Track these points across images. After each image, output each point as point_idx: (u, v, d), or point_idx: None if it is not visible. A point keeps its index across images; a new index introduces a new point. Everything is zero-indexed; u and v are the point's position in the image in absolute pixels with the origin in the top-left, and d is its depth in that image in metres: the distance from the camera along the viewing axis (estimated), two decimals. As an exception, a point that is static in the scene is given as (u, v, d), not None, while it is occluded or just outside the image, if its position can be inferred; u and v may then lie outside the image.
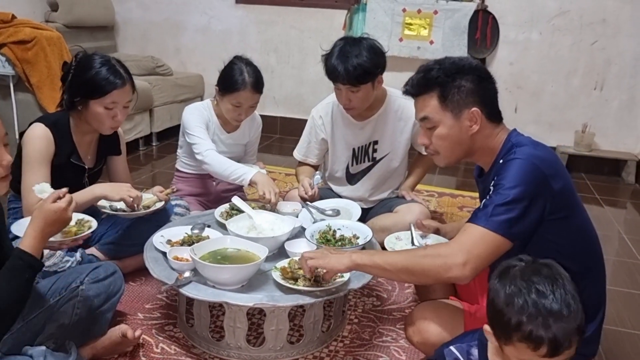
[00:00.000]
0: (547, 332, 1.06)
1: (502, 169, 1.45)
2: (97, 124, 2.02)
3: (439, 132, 1.55)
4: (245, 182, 2.30)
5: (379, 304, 2.15)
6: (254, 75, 2.39)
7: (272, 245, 1.83)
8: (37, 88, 3.37)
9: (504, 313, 1.11)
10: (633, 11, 4.05)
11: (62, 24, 4.26)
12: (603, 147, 4.29)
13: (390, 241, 1.89)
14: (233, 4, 4.81)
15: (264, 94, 2.49)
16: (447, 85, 1.51)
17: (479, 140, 1.54)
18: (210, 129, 2.52)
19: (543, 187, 1.41)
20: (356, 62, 2.22)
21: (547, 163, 1.44)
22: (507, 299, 1.11)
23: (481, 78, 1.53)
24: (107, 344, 1.69)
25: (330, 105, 2.53)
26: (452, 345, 1.35)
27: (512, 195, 1.39)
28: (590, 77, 4.24)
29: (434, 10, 4.28)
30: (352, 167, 2.60)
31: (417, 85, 1.57)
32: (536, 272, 1.13)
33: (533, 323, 1.07)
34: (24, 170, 1.93)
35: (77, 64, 1.98)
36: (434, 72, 1.53)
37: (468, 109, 1.51)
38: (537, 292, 1.09)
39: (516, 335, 1.09)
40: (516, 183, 1.40)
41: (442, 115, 1.53)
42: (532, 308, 1.08)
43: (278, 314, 1.70)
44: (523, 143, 1.50)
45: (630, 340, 2.07)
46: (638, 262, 2.75)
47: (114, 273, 1.74)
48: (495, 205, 1.40)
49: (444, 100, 1.52)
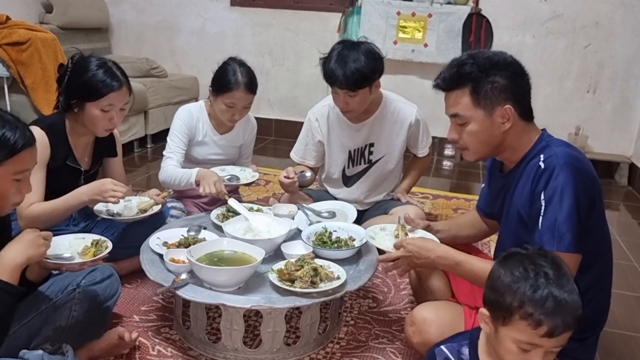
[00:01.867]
0: (549, 315, 1.09)
1: (547, 178, 1.41)
2: (92, 127, 2.01)
3: (470, 128, 1.52)
4: (192, 184, 2.33)
5: (375, 306, 2.16)
6: (247, 76, 2.39)
7: (268, 247, 1.83)
8: (32, 90, 3.37)
9: (510, 292, 1.14)
10: (625, 15, 4.08)
11: (56, 25, 4.25)
12: (596, 150, 4.32)
13: (372, 231, 1.85)
14: (228, 7, 4.82)
15: (258, 96, 2.49)
16: (481, 81, 1.47)
17: (510, 138, 1.52)
18: (202, 131, 2.53)
19: (591, 192, 1.41)
20: (354, 67, 2.22)
21: (588, 166, 1.44)
22: (513, 279, 1.15)
23: (516, 74, 1.49)
24: (104, 347, 1.69)
25: (327, 108, 2.54)
26: (442, 345, 1.36)
27: (569, 209, 1.36)
28: (583, 80, 4.28)
29: (428, 13, 4.30)
30: (348, 170, 2.61)
31: (449, 80, 1.53)
32: (544, 259, 1.16)
33: (537, 304, 1.10)
34: None
35: (74, 66, 1.97)
36: (467, 67, 1.49)
37: (501, 106, 1.48)
38: (546, 275, 1.13)
39: (519, 313, 1.12)
40: (570, 194, 1.37)
41: (474, 112, 1.50)
42: (538, 290, 1.11)
43: (275, 315, 1.70)
44: (558, 143, 1.48)
45: (624, 341, 2.08)
46: (631, 264, 2.77)
47: (111, 276, 1.74)
48: (558, 225, 1.37)
49: (476, 96, 1.48)
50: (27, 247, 1.37)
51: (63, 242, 1.63)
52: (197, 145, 2.55)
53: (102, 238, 1.68)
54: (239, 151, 2.69)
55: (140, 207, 2.12)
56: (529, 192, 1.47)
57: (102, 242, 1.65)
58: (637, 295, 2.45)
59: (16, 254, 1.35)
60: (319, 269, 1.69)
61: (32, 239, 1.38)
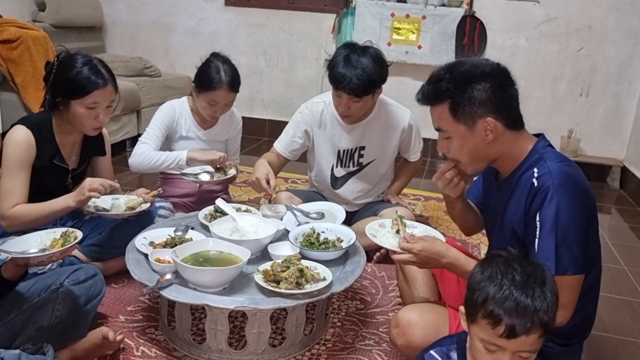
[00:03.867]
0: (508, 316, 1.10)
1: (542, 199, 1.38)
2: (79, 125, 2.00)
3: (455, 143, 1.51)
4: (182, 161, 2.40)
5: (362, 308, 2.15)
6: (230, 74, 2.40)
7: (255, 248, 1.83)
8: (22, 88, 3.34)
9: (476, 289, 1.15)
10: (618, 19, 4.09)
11: (49, 23, 4.23)
12: (588, 153, 4.33)
13: (372, 227, 1.80)
14: (222, 7, 4.81)
15: (252, 97, 2.49)
16: (457, 97, 1.44)
17: (498, 148, 1.49)
18: (185, 126, 2.55)
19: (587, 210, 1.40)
20: (363, 74, 2.22)
21: (582, 183, 1.41)
22: (482, 278, 1.16)
23: (497, 85, 1.44)
24: (87, 347, 1.67)
25: (321, 105, 2.52)
26: (432, 350, 1.35)
27: (564, 232, 1.35)
28: (576, 83, 4.29)
29: (422, 15, 4.30)
30: (337, 170, 2.60)
31: (427, 97, 1.52)
32: (519, 264, 1.16)
33: (498, 303, 1.11)
34: (2, 173, 1.91)
35: (59, 64, 1.96)
36: (444, 83, 1.46)
37: (482, 119, 1.44)
38: (513, 279, 1.13)
39: (481, 311, 1.13)
40: (567, 217, 1.35)
41: (456, 127, 1.47)
42: (501, 290, 1.12)
43: (260, 317, 1.69)
44: (552, 157, 1.44)
45: (611, 345, 2.08)
46: (621, 268, 2.77)
47: (95, 275, 1.73)
48: (556, 249, 1.35)
49: (455, 113, 1.46)
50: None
51: (35, 238, 1.61)
52: (181, 140, 2.56)
53: (70, 229, 1.66)
54: (225, 147, 2.69)
55: (128, 205, 2.11)
56: (523, 210, 1.44)
57: (70, 232, 1.63)
58: (626, 299, 2.45)
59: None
60: (304, 270, 1.68)
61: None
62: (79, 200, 1.92)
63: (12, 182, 1.89)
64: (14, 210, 1.88)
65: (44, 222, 1.94)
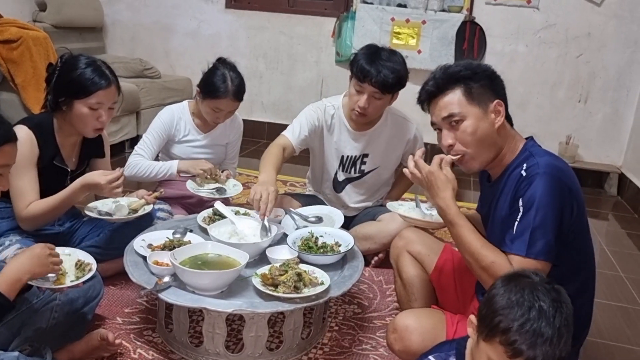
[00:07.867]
0: (530, 349, 1.08)
1: (527, 185, 1.42)
2: (81, 126, 2.00)
3: (465, 126, 1.51)
4: (173, 172, 2.45)
5: (360, 312, 2.16)
6: (236, 84, 2.41)
7: (253, 252, 1.83)
8: (22, 88, 3.35)
9: (499, 314, 1.12)
10: (617, 26, 4.11)
11: (50, 24, 4.23)
12: (586, 159, 4.34)
13: (392, 206, 2.05)
14: (223, 9, 4.82)
15: (252, 99, 2.51)
16: (472, 78, 1.52)
17: (502, 139, 1.54)
18: (184, 130, 2.56)
19: (569, 202, 1.42)
20: (393, 68, 2.26)
21: (569, 176, 1.45)
22: (508, 303, 1.13)
23: (494, 77, 1.56)
24: (85, 348, 1.68)
25: (332, 108, 2.51)
26: (430, 355, 1.35)
27: (544, 216, 1.38)
28: (575, 90, 4.30)
29: (422, 20, 4.32)
30: (340, 175, 2.61)
31: (440, 81, 1.55)
32: (546, 292, 1.13)
33: (522, 336, 1.08)
34: (12, 175, 1.90)
35: (63, 65, 1.97)
36: (454, 67, 1.55)
37: (492, 102, 1.52)
38: (540, 310, 1.10)
39: (501, 337, 1.10)
40: (547, 202, 1.38)
41: (470, 109, 1.51)
42: (528, 322, 1.09)
43: (257, 320, 1.70)
44: (542, 153, 1.50)
45: (608, 351, 2.09)
46: (618, 274, 2.78)
47: (93, 277, 1.72)
48: (532, 231, 1.38)
49: (469, 93, 1.51)
50: (34, 264, 1.40)
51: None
52: (179, 144, 2.56)
53: (86, 260, 1.65)
54: (225, 150, 2.69)
55: (131, 207, 2.11)
56: (510, 199, 1.49)
57: (85, 265, 1.63)
58: (622, 306, 2.46)
59: (21, 271, 1.38)
60: (303, 274, 1.68)
61: (41, 257, 1.42)
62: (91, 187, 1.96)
63: (21, 181, 1.90)
64: (30, 208, 1.91)
65: (59, 214, 2.01)
